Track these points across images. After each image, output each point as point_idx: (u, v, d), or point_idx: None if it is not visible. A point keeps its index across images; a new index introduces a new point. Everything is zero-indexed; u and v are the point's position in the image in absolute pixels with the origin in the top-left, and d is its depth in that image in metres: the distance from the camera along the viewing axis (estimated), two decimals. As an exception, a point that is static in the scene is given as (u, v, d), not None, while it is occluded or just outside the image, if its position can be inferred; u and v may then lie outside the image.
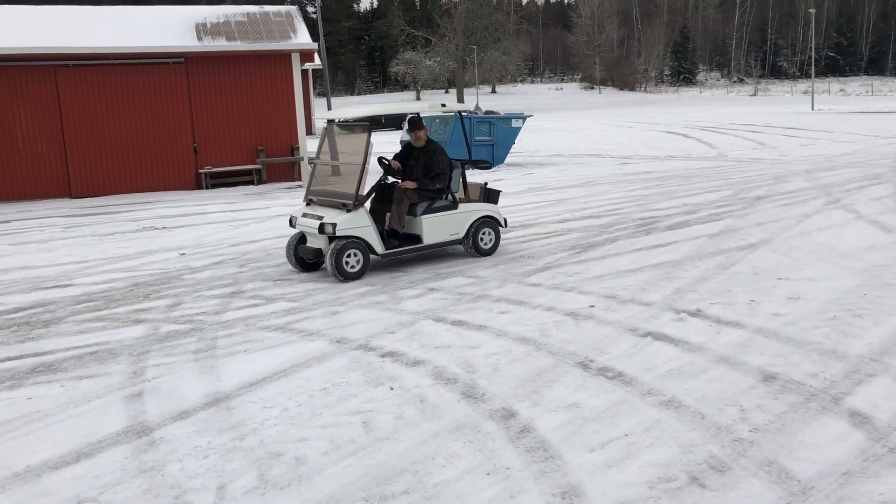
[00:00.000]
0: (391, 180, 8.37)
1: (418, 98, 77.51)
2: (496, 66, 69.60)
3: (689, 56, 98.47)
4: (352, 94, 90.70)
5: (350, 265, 7.56)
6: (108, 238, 10.89)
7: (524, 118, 19.47)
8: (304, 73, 34.79)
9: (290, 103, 17.28)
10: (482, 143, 17.58)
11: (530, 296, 6.74)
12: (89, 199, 15.44)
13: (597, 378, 4.76)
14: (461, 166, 8.61)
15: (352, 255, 7.56)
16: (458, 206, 8.29)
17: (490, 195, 8.86)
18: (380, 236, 7.76)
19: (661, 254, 8.15)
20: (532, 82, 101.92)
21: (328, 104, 19.28)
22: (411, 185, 8.07)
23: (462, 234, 8.31)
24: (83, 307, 7.05)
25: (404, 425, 4.19)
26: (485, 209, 8.48)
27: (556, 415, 4.25)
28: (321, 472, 3.71)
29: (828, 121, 30.42)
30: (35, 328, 6.42)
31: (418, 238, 8.09)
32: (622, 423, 4.11)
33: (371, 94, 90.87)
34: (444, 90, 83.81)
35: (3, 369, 5.40)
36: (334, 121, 8.29)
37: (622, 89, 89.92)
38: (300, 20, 18.04)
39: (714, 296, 6.46)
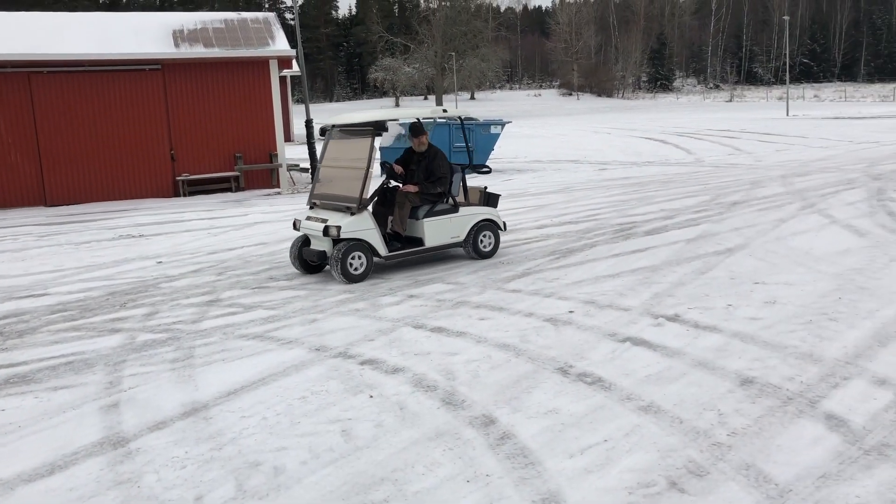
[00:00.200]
0: (393, 184, 8.50)
1: (397, 104, 77.53)
2: (475, 73, 69.88)
3: (665, 62, 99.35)
4: (330, 101, 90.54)
5: (354, 267, 7.69)
6: (84, 246, 10.78)
7: (503, 124, 19.52)
8: (283, 79, 34.62)
9: (269, 110, 17.21)
10: (461, 150, 17.60)
11: (510, 302, 6.75)
12: (65, 208, 15.26)
13: (576, 384, 4.77)
14: (461, 170, 8.75)
15: (356, 257, 7.69)
16: (458, 209, 8.42)
17: (490, 199, 8.97)
18: (383, 239, 7.89)
19: (640, 259, 8.20)
20: (511, 89, 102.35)
21: (307, 111, 19.20)
22: (413, 188, 8.19)
23: (463, 237, 8.45)
24: (58, 317, 6.96)
25: (384, 433, 4.17)
26: (485, 213, 8.62)
27: (535, 421, 4.25)
28: (300, 482, 3.68)
29: (802, 126, 30.78)
30: (8, 338, 6.32)
31: (420, 241, 8.21)
32: (601, 428, 4.12)
33: (350, 100, 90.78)
34: (422, 96, 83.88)
35: (-24, 381, 5.32)
36: (336, 126, 8.40)
37: (600, 96, 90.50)
38: (278, 27, 17.98)
39: (692, 300, 6.51)
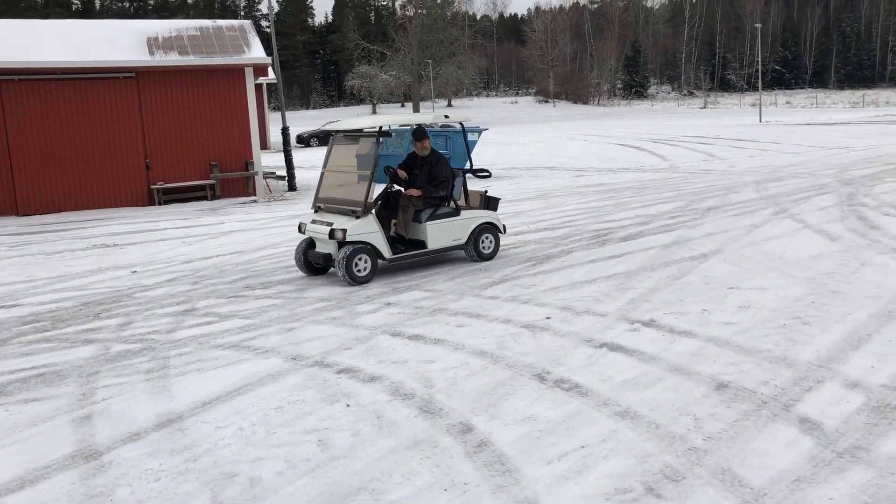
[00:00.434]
0: (396, 188, 8.66)
1: (374, 112, 77.50)
2: (452, 80, 69.92)
3: (640, 70, 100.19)
4: (307, 109, 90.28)
5: (359, 269, 7.86)
6: (57, 256, 10.64)
7: (480, 131, 19.58)
8: (259, 87, 34.53)
9: (244, 118, 17.11)
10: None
11: (487, 308, 6.76)
12: (37, 217, 15.06)
13: (553, 390, 4.78)
14: (462, 175, 8.91)
15: (361, 259, 7.86)
16: (460, 212, 8.59)
17: (490, 202, 9.11)
18: (387, 242, 8.04)
19: (616, 265, 8.24)
20: (487, 96, 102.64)
21: (283, 119, 19.14)
22: (416, 192, 8.35)
23: (464, 240, 8.61)
24: (29, 328, 6.86)
25: (361, 442, 4.15)
26: (485, 216, 8.78)
27: (513, 428, 4.25)
28: (276, 493, 3.65)
29: (775, 132, 31.16)
30: (-21, 351, 6.22)
31: (423, 244, 8.38)
32: (578, 434, 4.13)
33: (326, 108, 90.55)
34: (400, 104, 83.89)
35: (-55, 394, 5.22)
36: (341, 131, 8.60)
37: (576, 103, 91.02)
38: (254, 34, 17.91)
39: (667, 306, 6.55)
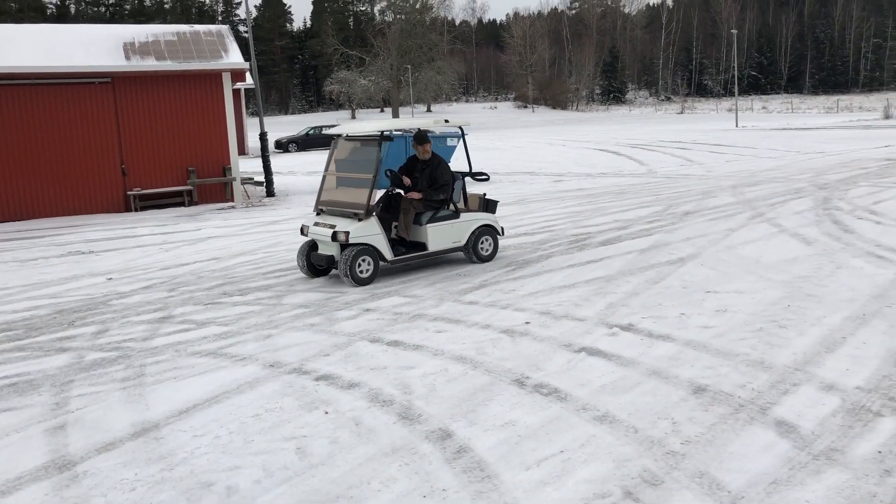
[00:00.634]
0: (396, 191, 8.80)
1: (353, 117, 77.44)
2: (431, 85, 70.10)
3: (618, 75, 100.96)
4: (286, 114, 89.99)
5: (362, 270, 8.01)
6: (31, 264, 10.50)
7: (458, 137, 19.60)
8: (237, 92, 34.35)
9: (222, 123, 17.02)
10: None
11: (467, 314, 6.75)
12: (10, 224, 14.86)
13: (532, 395, 4.78)
14: (462, 178, 9.03)
15: (364, 261, 8.00)
16: (459, 215, 8.73)
17: (488, 205, 9.26)
18: (388, 244, 8.16)
19: (594, 269, 8.27)
20: (467, 101, 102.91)
21: (261, 124, 19.06)
22: (417, 195, 8.47)
23: (463, 242, 8.75)
24: (2, 336, 6.76)
25: (339, 450, 4.12)
26: (484, 218, 8.93)
27: (492, 433, 4.24)
28: (254, 501, 3.62)
29: (751, 137, 31.48)
30: (-50, 360, 6.12)
31: (423, 245, 8.51)
32: (557, 439, 4.13)
33: (305, 113, 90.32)
34: (379, 109, 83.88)
35: (-85, 405, 5.13)
36: (342, 135, 8.77)
37: (555, 108, 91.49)
38: (231, 39, 17.82)
39: (645, 310, 6.58)
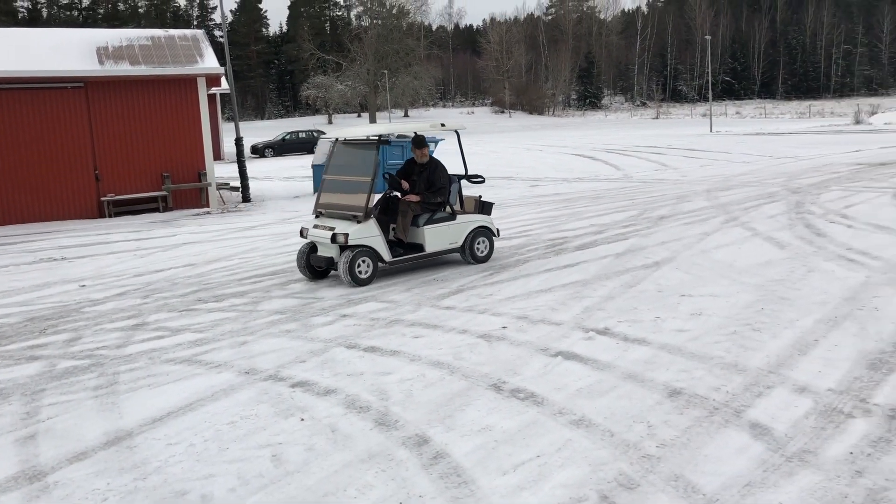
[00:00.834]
0: (394, 193, 8.96)
1: (330, 122, 77.25)
2: (408, 91, 69.99)
3: (594, 81, 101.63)
4: (262, 119, 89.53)
5: (362, 272, 8.17)
6: (2, 270, 10.35)
7: (436, 142, 19.59)
8: (212, 97, 34.15)
9: (197, 128, 16.89)
10: (395, 168, 17.60)
11: (444, 319, 6.74)
12: (-19, 230, 14.65)
13: (509, 400, 4.78)
14: (458, 181, 9.25)
15: (363, 262, 8.17)
16: (456, 217, 8.91)
17: (484, 207, 9.46)
18: (387, 245, 8.32)
19: (571, 274, 8.31)
20: (444, 106, 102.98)
21: (236, 129, 18.95)
22: (415, 198, 8.67)
23: (460, 243, 8.92)
24: (-28, 345, 6.65)
25: (315, 457, 4.10)
26: (480, 220, 9.12)
27: (469, 439, 4.24)
28: (228, 510, 3.58)
29: (725, 142, 31.80)
30: (-83, 369, 6.00)
31: (421, 247, 8.67)
32: (534, 444, 4.14)
33: (281, 118, 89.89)
34: (356, 114, 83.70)
35: None
36: (339, 139, 8.96)
37: (531, 113, 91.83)
38: (207, 44, 17.71)
39: (621, 314, 6.62)
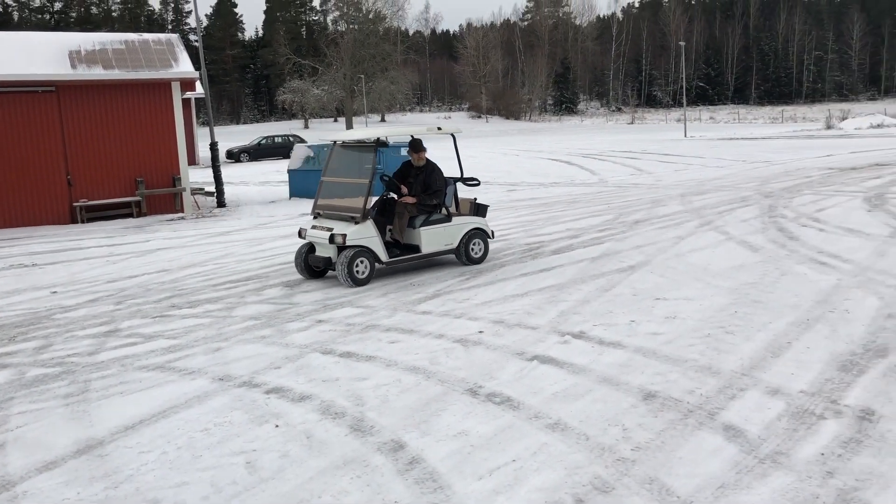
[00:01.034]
0: (391, 195, 9.11)
1: (306, 127, 77.01)
2: (384, 95, 69.99)
3: (570, 86, 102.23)
4: (237, 123, 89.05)
5: (360, 272, 8.33)
6: (-29, 277, 10.18)
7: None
8: (187, 101, 33.90)
9: (171, 133, 16.74)
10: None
11: (420, 324, 6.73)
12: (-50, 236, 14.40)
13: (485, 404, 4.78)
14: (454, 183, 9.42)
15: (361, 262, 8.33)
16: (451, 219, 9.04)
17: (479, 209, 9.57)
18: (383, 246, 8.48)
19: (547, 278, 8.33)
20: (421, 111, 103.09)
21: (211, 134, 18.83)
22: (411, 200, 8.82)
23: (455, 245, 9.07)
24: (-61, 353, 6.52)
25: (290, 464, 4.07)
26: (475, 222, 9.26)
27: (445, 444, 4.23)
28: (201, 518, 3.55)
29: (699, 147, 32.10)
30: None
31: (417, 248, 8.82)
32: (510, 448, 4.14)
33: (257, 122, 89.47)
34: (332, 119, 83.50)
35: None
36: (338, 142, 9.14)
37: (508, 118, 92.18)
38: (181, 48, 17.57)
39: (596, 317, 6.65)
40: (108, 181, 16.17)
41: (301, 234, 8.94)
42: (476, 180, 9.76)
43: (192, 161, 33.59)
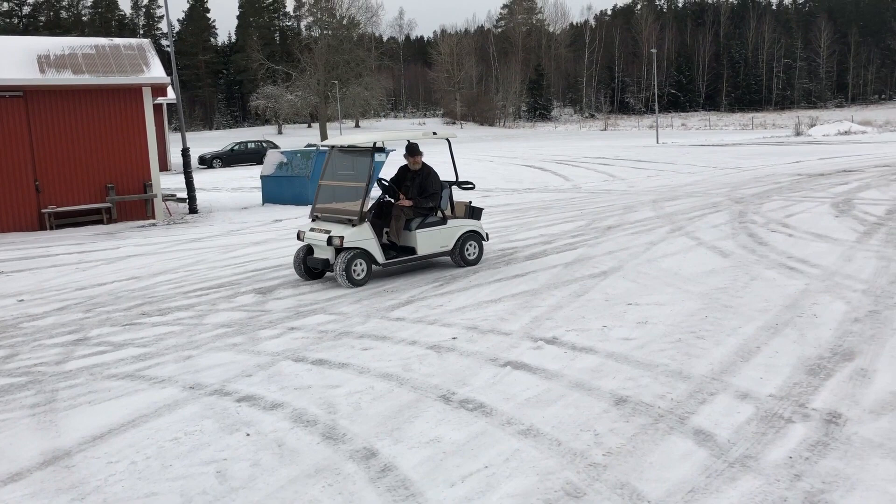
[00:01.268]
0: (387, 198, 9.29)
1: (280, 132, 76.66)
2: (358, 101, 69.81)
3: (543, 93, 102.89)
4: (210, 129, 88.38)
5: (357, 273, 8.53)
6: (-65, 286, 9.99)
7: (387, 152, 19.56)
8: (159, 107, 33.55)
9: (142, 139, 16.58)
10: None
11: (393, 330, 6.72)
12: (-86, 244, 14.12)
13: (458, 411, 4.78)
14: (449, 187, 9.60)
15: (359, 264, 8.54)
16: (447, 221, 9.24)
17: (474, 212, 9.76)
18: (380, 248, 8.65)
19: (520, 283, 8.36)
20: (395, 117, 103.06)
21: (183, 140, 18.66)
22: (408, 203, 8.99)
23: (450, 247, 9.25)
24: None
25: (261, 472, 4.03)
26: (470, 225, 9.46)
27: (417, 451, 4.22)
28: (170, 529, 3.50)
29: (671, 153, 32.42)
30: None
31: (413, 250, 9.01)
32: (482, 454, 4.14)
33: (230, 128, 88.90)
34: (306, 124, 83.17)
35: None
36: (335, 146, 9.31)
37: (482, 124, 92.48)
38: (153, 53, 17.42)
39: (569, 323, 6.68)
40: (77, 187, 15.97)
41: (300, 237, 9.08)
42: (471, 184, 9.95)
43: (164, 167, 33.27)
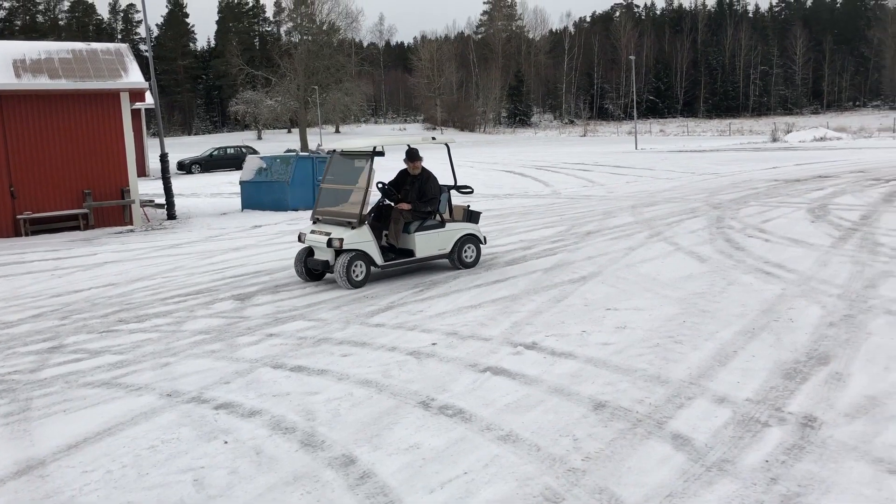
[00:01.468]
0: (387, 202, 9.45)
1: (259, 138, 76.36)
2: (338, 107, 69.68)
3: (523, 99, 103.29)
4: (189, 134, 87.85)
5: (357, 274, 8.70)
6: None
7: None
8: (137, 112, 33.29)
9: (120, 144, 16.46)
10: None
11: (373, 336, 6.70)
12: None
13: (437, 417, 4.78)
14: (447, 191, 9.77)
15: (358, 266, 8.70)
16: (445, 225, 9.42)
17: (472, 216, 9.97)
18: (379, 250, 8.82)
19: (500, 289, 8.37)
20: (376, 122, 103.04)
21: (161, 145, 18.53)
22: (407, 206, 9.14)
23: (448, 250, 9.44)
24: None
25: (238, 480, 4.00)
26: (468, 228, 9.65)
27: (396, 458, 4.21)
28: (146, 539, 3.47)
29: (650, 159, 32.63)
30: None
31: (411, 252, 9.17)
32: (462, 461, 4.14)
33: (210, 133, 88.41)
34: (286, 130, 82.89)
35: None
36: (336, 151, 9.50)
37: (463, 130, 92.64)
38: (131, 58, 17.30)
39: (549, 328, 6.70)
40: (53, 193, 15.81)
41: (301, 239, 9.25)
42: (469, 188, 10.11)
43: (142, 173, 33.03)
